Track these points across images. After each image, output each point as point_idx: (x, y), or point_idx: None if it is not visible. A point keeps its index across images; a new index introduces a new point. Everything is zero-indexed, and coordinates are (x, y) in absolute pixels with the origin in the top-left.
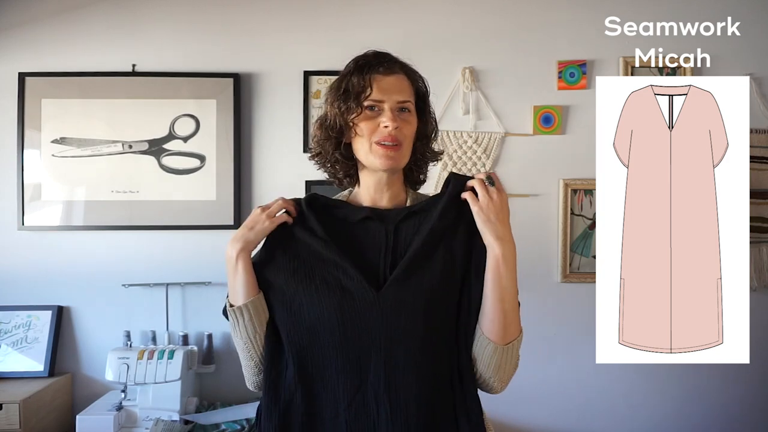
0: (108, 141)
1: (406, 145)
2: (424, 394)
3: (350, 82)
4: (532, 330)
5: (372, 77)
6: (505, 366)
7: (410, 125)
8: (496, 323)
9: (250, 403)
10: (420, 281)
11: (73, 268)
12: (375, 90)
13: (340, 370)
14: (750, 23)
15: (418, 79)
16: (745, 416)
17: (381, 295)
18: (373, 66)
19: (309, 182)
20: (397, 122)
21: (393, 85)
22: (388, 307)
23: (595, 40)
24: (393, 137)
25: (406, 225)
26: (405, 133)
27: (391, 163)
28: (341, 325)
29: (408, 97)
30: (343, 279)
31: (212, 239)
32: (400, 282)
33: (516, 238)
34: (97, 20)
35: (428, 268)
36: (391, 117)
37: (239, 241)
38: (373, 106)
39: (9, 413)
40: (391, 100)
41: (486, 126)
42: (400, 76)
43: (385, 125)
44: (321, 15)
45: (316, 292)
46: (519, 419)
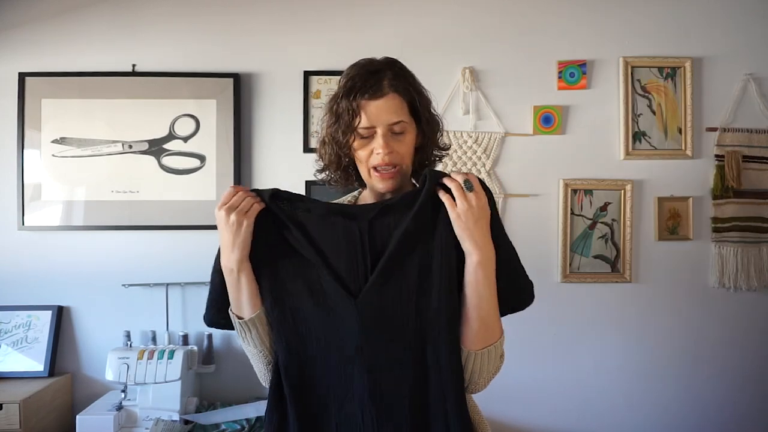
0: (108, 141)
1: (405, 163)
2: (410, 399)
3: (340, 106)
4: (532, 330)
5: (360, 103)
6: (480, 371)
7: (405, 144)
8: (471, 330)
9: (250, 403)
10: (398, 285)
11: (73, 268)
12: (364, 117)
13: (326, 377)
14: (749, 23)
15: (410, 90)
16: (745, 416)
17: (359, 302)
18: (360, 90)
19: (309, 182)
20: (390, 147)
21: (382, 109)
22: (367, 313)
23: (595, 40)
24: (388, 162)
25: (380, 222)
26: (401, 152)
27: (392, 185)
28: (322, 332)
29: (400, 117)
30: (324, 283)
31: (212, 239)
32: (377, 287)
33: (516, 238)
34: (97, 20)
35: (406, 270)
36: (382, 144)
37: (234, 250)
38: (365, 133)
39: (9, 413)
40: (382, 125)
41: (486, 126)
42: (390, 96)
43: (377, 152)
44: (321, 15)
45: (299, 297)
46: (519, 419)
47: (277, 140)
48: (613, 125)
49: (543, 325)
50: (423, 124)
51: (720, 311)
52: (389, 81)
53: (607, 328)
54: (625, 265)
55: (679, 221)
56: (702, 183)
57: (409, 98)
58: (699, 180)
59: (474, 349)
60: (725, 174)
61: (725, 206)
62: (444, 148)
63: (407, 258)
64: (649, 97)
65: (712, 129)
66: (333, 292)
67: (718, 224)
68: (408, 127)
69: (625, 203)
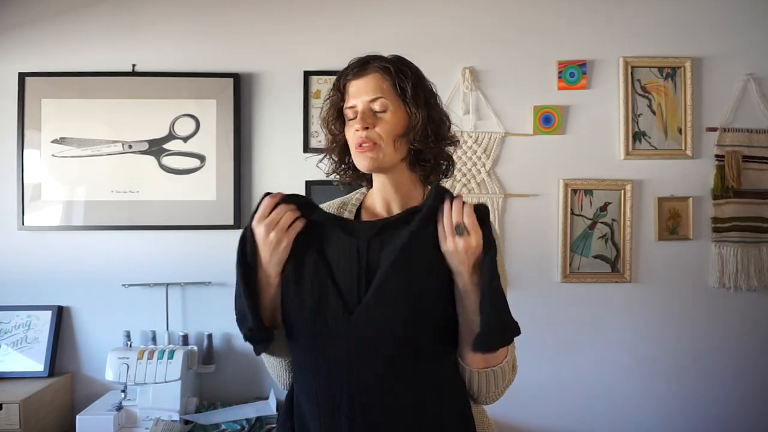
0: (108, 141)
1: (385, 143)
2: (401, 416)
3: (330, 95)
4: (532, 330)
5: (345, 84)
6: (488, 387)
7: (385, 122)
8: (463, 347)
9: (250, 403)
10: (392, 304)
11: (73, 268)
12: (348, 97)
13: (316, 397)
14: (749, 23)
15: (396, 72)
16: (745, 416)
17: (353, 320)
18: (345, 73)
19: (309, 182)
20: (366, 122)
21: (362, 86)
22: (360, 333)
23: (595, 40)
24: (364, 139)
25: (379, 240)
26: (380, 131)
27: (370, 164)
28: (314, 348)
29: (379, 94)
30: (322, 298)
31: (212, 239)
32: (372, 307)
33: (516, 238)
34: (97, 20)
35: (399, 290)
36: (359, 118)
37: (269, 267)
38: (351, 113)
39: (9, 413)
40: (362, 101)
41: (486, 126)
42: (372, 75)
43: (355, 129)
44: (321, 15)
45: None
46: (519, 419)
47: (277, 140)
48: (613, 125)
49: (543, 325)
50: (409, 104)
51: (720, 311)
52: (376, 63)
53: (606, 328)
54: (625, 265)
55: (679, 221)
56: (702, 183)
57: (392, 78)
58: (699, 180)
59: (476, 368)
60: (725, 174)
61: (725, 206)
62: (446, 139)
63: (401, 276)
64: (649, 97)
65: (712, 129)
66: (330, 309)
67: (718, 224)
68: (389, 106)
69: (625, 203)
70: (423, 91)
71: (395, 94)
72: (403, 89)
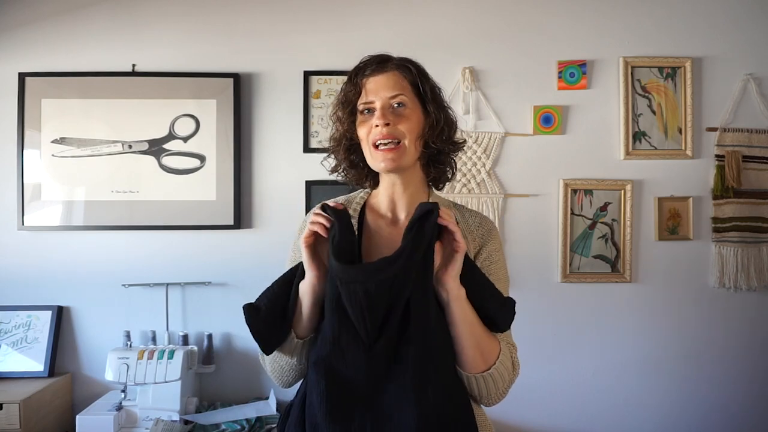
0: (108, 141)
1: (408, 141)
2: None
3: (345, 90)
4: (532, 330)
5: (362, 81)
6: (488, 390)
7: (408, 120)
8: (466, 357)
9: (250, 403)
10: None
11: (73, 268)
12: (365, 92)
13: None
14: (749, 23)
15: (415, 72)
16: (745, 416)
17: (372, 353)
18: (362, 69)
19: (309, 182)
20: (387, 119)
21: (382, 83)
22: (378, 364)
23: (595, 40)
24: (386, 135)
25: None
26: (402, 129)
27: (392, 164)
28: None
29: (400, 91)
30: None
31: (212, 239)
32: (391, 339)
33: (516, 238)
34: (97, 20)
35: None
36: (380, 114)
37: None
38: (367, 109)
39: (9, 413)
40: (381, 98)
41: (486, 126)
42: (392, 72)
43: (375, 124)
44: (321, 15)
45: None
46: (519, 419)
47: (277, 140)
48: (613, 125)
49: (543, 325)
50: (429, 104)
51: (720, 311)
52: (394, 62)
53: (607, 328)
54: (625, 265)
55: (679, 221)
56: (702, 183)
57: (412, 77)
58: (699, 180)
59: (472, 373)
60: (725, 174)
61: (725, 206)
62: (456, 143)
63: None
64: (649, 97)
65: (712, 129)
66: (348, 339)
67: (718, 224)
68: (409, 104)
69: (625, 203)
70: (439, 93)
71: (414, 94)
72: (424, 89)
